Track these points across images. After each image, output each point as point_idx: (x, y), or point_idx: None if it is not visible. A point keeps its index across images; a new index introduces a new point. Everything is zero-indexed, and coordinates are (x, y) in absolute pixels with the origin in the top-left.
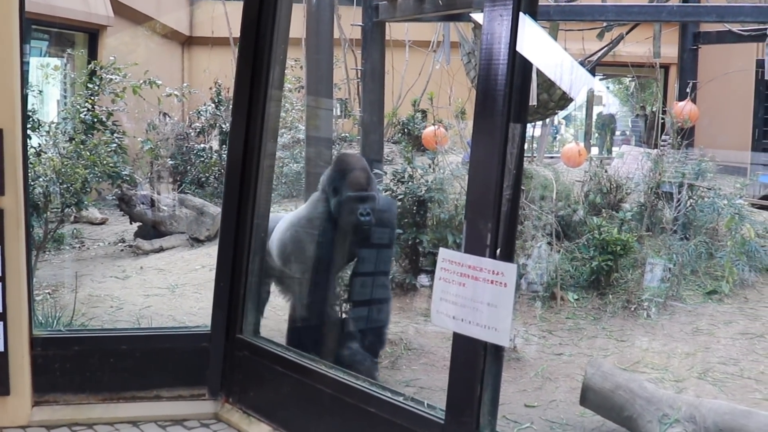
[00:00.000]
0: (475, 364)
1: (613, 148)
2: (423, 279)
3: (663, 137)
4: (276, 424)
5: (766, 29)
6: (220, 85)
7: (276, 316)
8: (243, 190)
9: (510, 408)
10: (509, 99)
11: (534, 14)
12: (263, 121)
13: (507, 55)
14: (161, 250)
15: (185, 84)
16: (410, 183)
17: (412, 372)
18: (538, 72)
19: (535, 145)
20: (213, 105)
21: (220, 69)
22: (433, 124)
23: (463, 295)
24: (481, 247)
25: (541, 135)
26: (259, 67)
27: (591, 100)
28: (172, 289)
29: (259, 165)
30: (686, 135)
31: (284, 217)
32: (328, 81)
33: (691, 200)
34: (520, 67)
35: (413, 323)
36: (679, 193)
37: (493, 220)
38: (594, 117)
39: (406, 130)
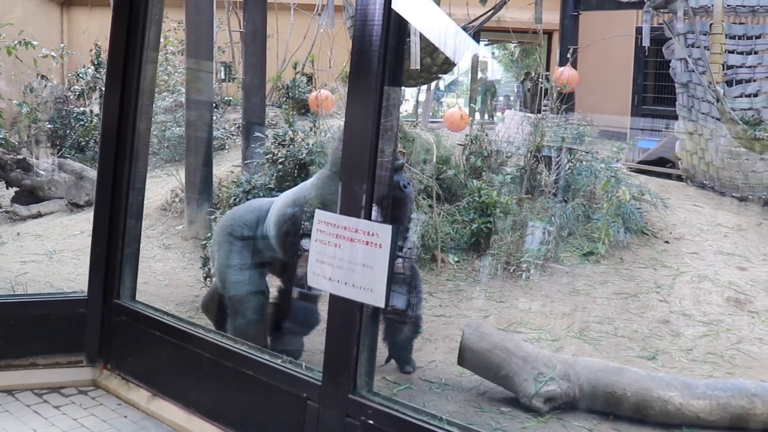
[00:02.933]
0: (352, 326)
1: (497, 114)
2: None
3: (543, 102)
4: (155, 390)
5: None
6: (99, 47)
7: (156, 281)
8: (119, 153)
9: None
10: (384, 60)
11: None
12: (139, 83)
13: (381, 16)
14: (39, 215)
15: (62, 45)
16: (291, 146)
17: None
18: (422, 36)
19: (420, 110)
20: (93, 67)
21: (101, 30)
22: (317, 88)
23: (339, 257)
24: (356, 208)
25: (426, 99)
26: (134, 28)
27: (476, 65)
28: (49, 255)
29: (135, 128)
30: (566, 100)
31: (280, 198)
32: (208, 43)
33: (570, 164)
34: (395, 28)
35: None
36: (558, 156)
37: (368, 181)
38: (479, 82)
39: (290, 94)
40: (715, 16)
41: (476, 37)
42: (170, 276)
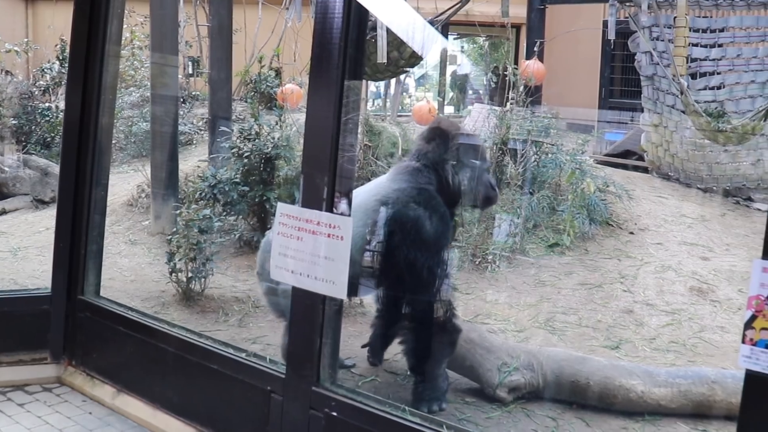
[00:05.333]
0: (314, 318)
1: (466, 107)
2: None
3: (510, 95)
4: (120, 386)
5: None
6: (65, 42)
7: (121, 276)
8: (81, 148)
9: (355, 361)
10: (344, 53)
11: None
12: (101, 78)
13: (342, 9)
14: (4, 212)
15: (27, 40)
16: (257, 140)
17: (259, 329)
18: (388, 30)
19: (388, 104)
20: (58, 62)
21: (65, 25)
22: (282, 84)
23: (301, 249)
24: (318, 200)
25: (394, 93)
26: (96, 22)
27: (445, 59)
28: (14, 252)
29: (98, 122)
30: (532, 93)
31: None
32: (173, 37)
33: (536, 156)
34: (355, 21)
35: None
36: (524, 149)
37: (330, 174)
38: (448, 76)
39: (257, 89)
40: (678, 10)
41: (444, 31)
42: (136, 272)
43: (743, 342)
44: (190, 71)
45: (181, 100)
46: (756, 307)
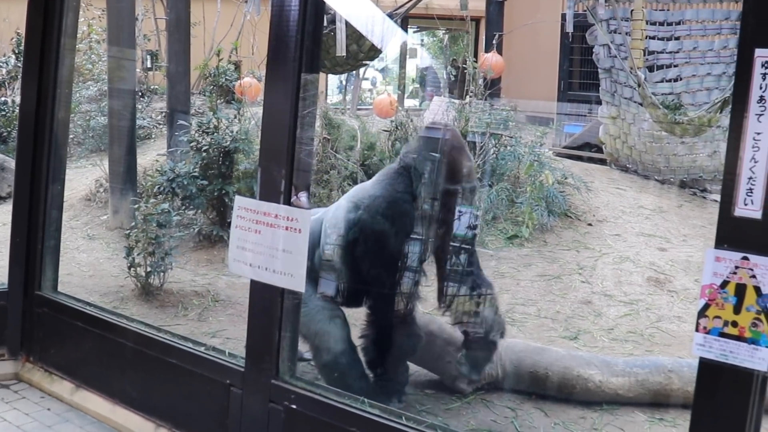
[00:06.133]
0: (273, 311)
1: (425, 100)
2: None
3: (469, 88)
4: (79, 381)
5: None
6: (20, 36)
7: (80, 272)
8: (37, 142)
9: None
10: (301, 46)
11: None
12: (57, 72)
13: (299, 1)
14: None
15: None
16: (215, 134)
17: (218, 323)
18: (347, 23)
19: (348, 97)
20: (14, 56)
21: (21, 18)
22: (241, 77)
23: (259, 242)
24: (275, 193)
25: (354, 86)
26: (51, 15)
27: (405, 52)
28: None
29: (54, 117)
30: (491, 86)
31: (333, 208)
32: (130, 30)
33: (494, 149)
34: (312, 13)
35: (222, 275)
36: (483, 141)
37: (287, 167)
38: (408, 69)
39: (216, 82)
40: (635, 3)
41: (404, 25)
42: (95, 267)
43: (697, 330)
44: (149, 65)
45: (140, 94)
46: (709, 295)
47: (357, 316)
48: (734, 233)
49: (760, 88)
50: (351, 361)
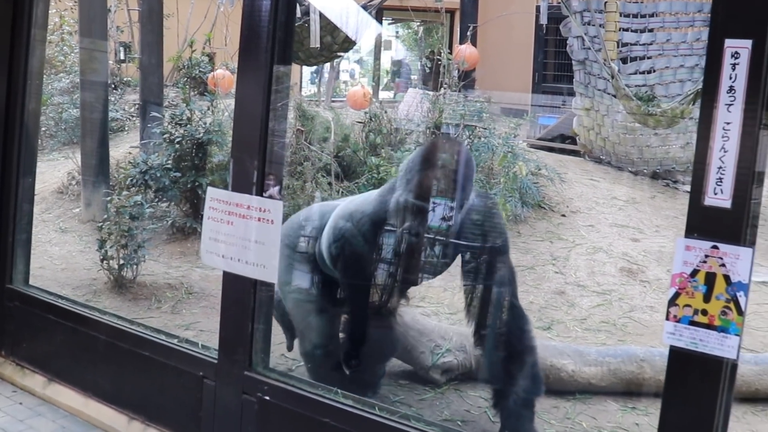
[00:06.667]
0: (246, 303)
1: (399, 92)
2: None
3: (444, 80)
4: (51, 375)
5: None
6: None
7: (52, 265)
8: (8, 135)
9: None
10: (273, 37)
11: None
12: (27, 63)
13: None
14: None
15: None
16: (188, 126)
17: (192, 315)
18: (322, 14)
19: (322, 89)
20: None
21: None
22: (214, 69)
23: (232, 234)
24: (248, 184)
25: (328, 78)
26: (20, 5)
27: (379, 44)
28: None
29: (24, 109)
30: (464, 77)
31: (340, 206)
32: (102, 22)
33: (468, 140)
34: (284, 4)
35: (195, 267)
36: (456, 133)
37: (259, 157)
38: (383, 61)
39: (190, 74)
40: None
41: (378, 16)
42: (67, 260)
43: (667, 319)
44: (122, 57)
45: (113, 86)
46: (679, 284)
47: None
48: (704, 222)
49: (730, 78)
50: (327, 353)
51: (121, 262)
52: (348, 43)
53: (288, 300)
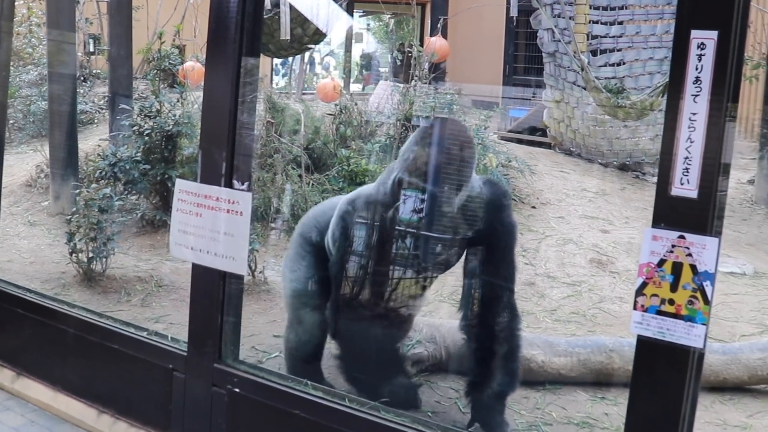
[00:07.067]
0: (215, 295)
1: (370, 84)
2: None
3: (414, 72)
4: (19, 369)
5: None
6: None
7: (20, 259)
8: None
9: (260, 339)
10: (241, 28)
11: None
12: None
13: None
14: None
15: None
16: (158, 118)
17: (162, 308)
18: (292, 7)
19: (293, 81)
20: None
21: None
22: (184, 61)
23: (200, 226)
24: (216, 176)
25: (299, 70)
26: None
27: (350, 36)
28: None
29: None
30: (434, 69)
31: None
32: (69, 14)
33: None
34: None
35: (165, 260)
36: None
37: (228, 149)
38: (354, 54)
39: (160, 66)
40: None
41: (349, 9)
42: (36, 253)
43: (635, 309)
44: (91, 49)
45: (82, 78)
46: (647, 274)
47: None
48: (671, 212)
49: (696, 69)
50: (306, 349)
51: (90, 255)
52: (318, 36)
53: (287, 287)
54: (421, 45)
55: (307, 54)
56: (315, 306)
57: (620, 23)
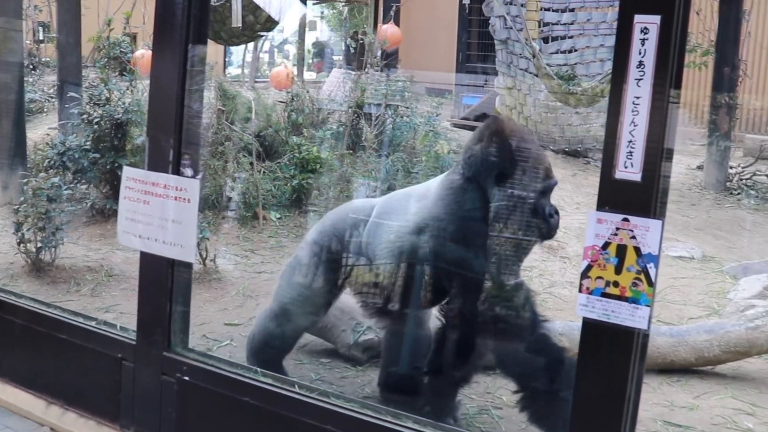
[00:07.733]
0: (164, 283)
1: (321, 72)
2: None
3: (367, 60)
4: None
5: None
6: None
7: None
8: None
9: (211, 327)
10: (188, 14)
11: None
12: None
13: None
14: None
15: None
16: (107, 106)
17: (112, 298)
18: None
19: (246, 69)
20: None
21: None
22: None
23: (148, 213)
24: (164, 163)
25: (252, 58)
26: None
27: (304, 24)
28: None
29: None
30: (387, 56)
31: (386, 203)
32: (16, 0)
33: (391, 119)
34: None
35: (116, 249)
36: (379, 112)
37: (175, 136)
38: (307, 42)
39: (110, 54)
40: None
41: None
42: None
43: (580, 291)
44: (40, 37)
45: (31, 66)
46: (592, 257)
47: None
48: (615, 195)
49: (639, 53)
50: (279, 350)
51: (39, 245)
52: (271, 23)
53: (293, 291)
54: (375, 32)
55: (266, 43)
56: (317, 312)
57: (571, 10)
